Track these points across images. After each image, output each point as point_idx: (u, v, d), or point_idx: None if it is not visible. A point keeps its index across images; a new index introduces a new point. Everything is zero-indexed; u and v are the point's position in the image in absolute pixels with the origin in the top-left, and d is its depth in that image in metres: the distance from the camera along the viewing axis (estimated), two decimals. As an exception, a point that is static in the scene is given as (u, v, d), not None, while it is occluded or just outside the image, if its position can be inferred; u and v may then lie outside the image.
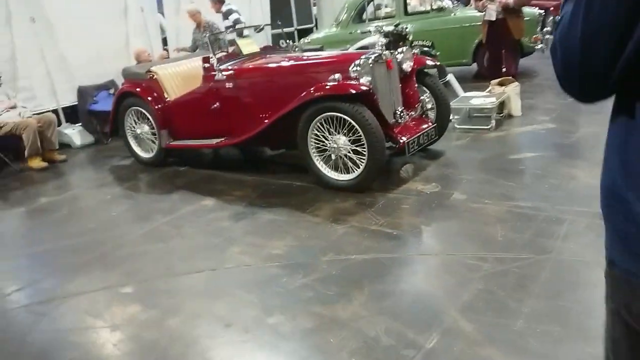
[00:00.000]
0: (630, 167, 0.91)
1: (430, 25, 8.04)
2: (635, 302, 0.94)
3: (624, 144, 0.92)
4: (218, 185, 4.83)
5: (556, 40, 0.92)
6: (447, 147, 5.05)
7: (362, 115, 3.93)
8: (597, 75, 0.88)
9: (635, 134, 0.90)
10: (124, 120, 5.77)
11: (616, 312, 1.01)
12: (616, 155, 0.94)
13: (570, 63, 0.90)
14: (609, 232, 1.00)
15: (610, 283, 1.02)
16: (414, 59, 4.78)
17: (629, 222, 0.92)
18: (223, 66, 4.86)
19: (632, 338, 0.99)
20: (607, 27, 0.83)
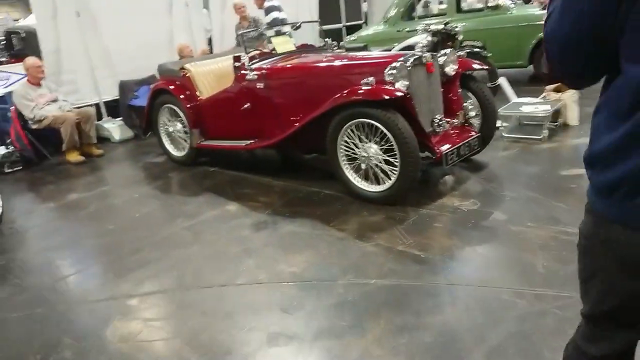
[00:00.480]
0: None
1: (483, 24, 7.56)
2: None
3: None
4: (245, 189, 4.64)
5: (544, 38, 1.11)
6: (492, 158, 4.65)
7: (394, 123, 3.62)
8: (574, 75, 1.16)
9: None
10: (157, 117, 5.68)
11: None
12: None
13: (553, 62, 1.14)
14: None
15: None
16: (459, 62, 4.41)
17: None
18: (255, 65, 4.65)
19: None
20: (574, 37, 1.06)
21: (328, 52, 5.11)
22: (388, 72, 3.83)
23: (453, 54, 4.36)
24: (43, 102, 6.24)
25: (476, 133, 4.26)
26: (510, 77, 7.01)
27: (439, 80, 4.21)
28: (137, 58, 7.60)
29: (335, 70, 4.28)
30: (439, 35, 6.45)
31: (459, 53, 4.56)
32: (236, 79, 4.78)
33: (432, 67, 4.08)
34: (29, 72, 6.19)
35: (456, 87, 4.39)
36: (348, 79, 4.13)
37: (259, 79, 4.61)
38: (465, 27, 6.71)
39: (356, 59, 4.41)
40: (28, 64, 6.17)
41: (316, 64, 4.52)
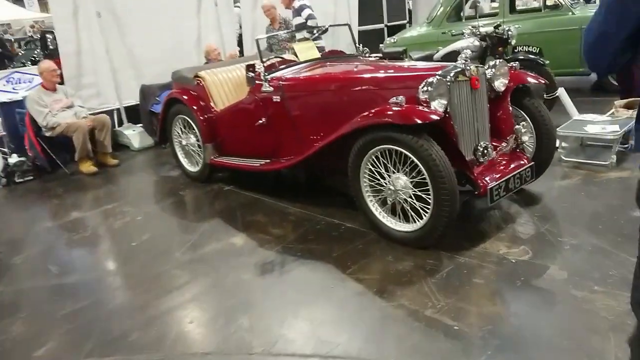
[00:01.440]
0: None
1: (540, 26, 6.73)
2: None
3: None
4: (257, 216, 4.08)
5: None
6: (548, 188, 3.92)
7: (427, 152, 2.97)
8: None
9: None
10: (172, 128, 5.20)
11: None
12: None
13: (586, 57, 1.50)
14: None
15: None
16: (511, 74, 3.69)
17: None
18: (271, 76, 4.08)
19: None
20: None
21: (358, 60, 4.47)
22: (422, 88, 3.17)
23: (503, 65, 3.64)
24: (58, 108, 5.89)
25: (529, 161, 3.54)
26: (569, 84, 6.19)
27: (485, 97, 3.52)
28: (162, 61, 7.17)
29: (361, 83, 3.64)
30: (489, 40, 5.71)
31: (511, 64, 3.83)
32: (251, 90, 4.22)
33: (477, 82, 3.38)
34: (43, 76, 5.85)
35: (507, 106, 3.68)
36: (376, 95, 3.52)
37: (275, 91, 4.04)
38: (519, 29, 5.92)
39: (387, 71, 3.76)
40: (42, 68, 5.83)
41: (340, 75, 3.90)
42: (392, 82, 3.49)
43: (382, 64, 4.11)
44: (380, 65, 4.05)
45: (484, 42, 5.73)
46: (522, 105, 3.81)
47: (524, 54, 5.64)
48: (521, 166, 3.46)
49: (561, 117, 5.37)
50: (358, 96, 3.63)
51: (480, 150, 3.29)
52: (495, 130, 3.65)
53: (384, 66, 3.99)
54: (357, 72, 3.83)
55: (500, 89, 3.64)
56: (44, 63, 5.88)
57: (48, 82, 5.89)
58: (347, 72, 3.90)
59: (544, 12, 6.91)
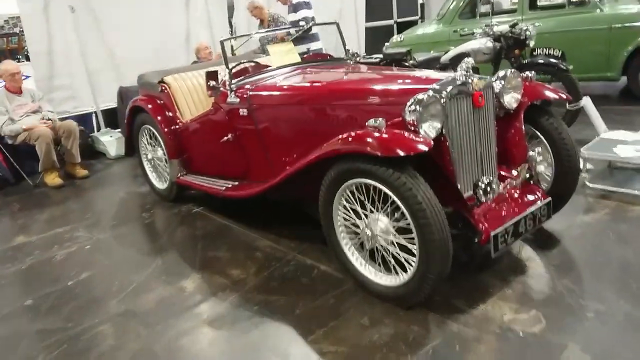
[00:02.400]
0: None
1: (563, 25, 5.99)
2: None
3: None
4: (220, 250, 3.45)
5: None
6: (568, 225, 3.22)
7: (411, 192, 2.30)
8: None
9: None
10: (138, 139, 4.61)
11: None
12: None
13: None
14: None
15: None
16: (525, 87, 3.00)
17: None
18: (238, 84, 3.44)
19: None
20: None
21: (345, 65, 3.81)
22: (410, 107, 2.50)
23: (515, 77, 2.95)
24: (22, 113, 5.34)
25: (545, 197, 2.85)
26: (594, 90, 5.45)
27: (492, 116, 2.83)
28: (146, 60, 6.59)
29: (339, 96, 2.98)
30: (504, 41, 5.00)
31: (525, 74, 3.14)
32: (215, 101, 3.59)
33: (481, 99, 2.70)
34: (3, 78, 5.29)
35: (519, 127, 2.98)
36: (357, 112, 2.88)
37: (242, 103, 3.40)
38: (539, 28, 5.19)
39: (372, 81, 3.09)
40: (1, 70, 5.26)
41: (316, 85, 3.25)
42: (373, 96, 2.82)
43: (370, 72, 3.44)
44: (368, 73, 3.39)
45: (499, 43, 5.03)
46: (539, 125, 3.10)
47: (544, 58, 4.91)
48: (535, 203, 2.78)
49: (585, 130, 4.67)
50: (336, 112, 2.99)
51: (482, 187, 2.61)
52: (504, 156, 2.97)
53: (371, 75, 3.32)
54: (336, 83, 3.18)
55: (511, 106, 2.95)
56: (4, 65, 5.31)
57: (11, 85, 5.33)
58: (324, 82, 3.25)
59: (568, 9, 6.14)
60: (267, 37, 6.19)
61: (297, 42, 5.76)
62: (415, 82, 2.86)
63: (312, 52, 5.57)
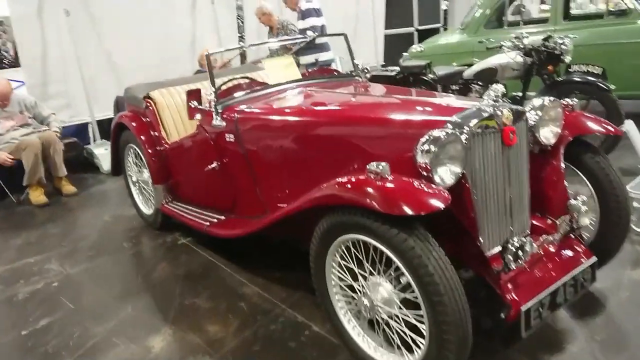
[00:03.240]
0: None
1: (602, 37, 5.39)
2: None
3: None
4: (201, 298, 2.97)
5: None
6: (614, 284, 2.68)
7: (419, 259, 1.79)
8: None
9: None
10: (124, 158, 4.17)
11: None
12: None
13: None
14: None
15: None
16: (566, 118, 2.47)
17: None
18: (225, 104, 2.96)
19: None
20: None
21: (353, 83, 3.31)
22: (422, 146, 1.99)
23: (555, 107, 2.42)
24: (8, 126, 4.95)
25: (590, 255, 2.31)
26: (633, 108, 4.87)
27: (526, 155, 2.30)
28: (148, 67, 6.23)
29: (339, 126, 2.49)
30: (536, 55, 4.44)
31: (567, 101, 2.60)
32: (200, 123, 3.11)
33: (513, 136, 2.17)
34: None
35: (558, 167, 2.45)
36: (358, 147, 2.38)
37: (228, 127, 2.92)
38: (575, 40, 4.62)
39: (380, 108, 2.59)
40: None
41: (316, 110, 2.75)
42: (380, 126, 2.32)
43: (380, 94, 2.92)
44: (377, 96, 2.87)
45: (530, 57, 4.47)
46: (580, 163, 2.56)
47: (581, 75, 4.34)
48: (577, 265, 2.24)
49: (627, 158, 4.11)
50: (337, 144, 2.49)
51: (512, 250, 2.07)
52: (538, 201, 2.44)
53: (381, 99, 2.81)
54: (338, 108, 2.68)
55: (549, 142, 2.42)
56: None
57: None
58: (324, 107, 2.75)
59: (606, 20, 5.54)
60: (271, 48, 5.73)
61: (304, 52, 5.32)
62: (432, 111, 2.35)
63: (320, 63, 5.09)
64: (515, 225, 2.28)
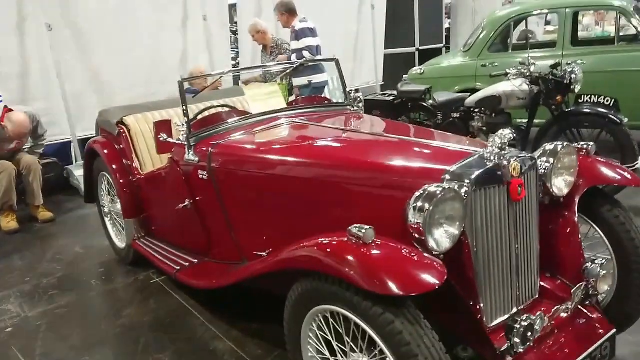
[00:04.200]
0: None
1: (613, 63, 5.10)
2: None
3: None
4: (164, 354, 2.63)
5: None
6: (633, 353, 2.34)
7: (407, 346, 1.47)
8: None
9: None
10: (98, 186, 3.87)
11: None
12: None
13: None
14: None
15: None
16: (581, 165, 2.17)
17: None
18: (199, 137, 2.66)
19: None
20: None
21: (345, 115, 3.00)
22: (413, 204, 1.68)
23: (569, 153, 2.11)
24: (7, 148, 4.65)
25: (607, 327, 1.99)
26: None
27: (535, 211, 1.99)
28: (136, 84, 6.01)
29: (324, 169, 2.17)
30: (543, 84, 4.15)
31: (581, 145, 2.30)
32: (171, 157, 2.81)
33: (521, 189, 1.86)
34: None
35: (572, 220, 2.14)
36: (347, 193, 2.08)
37: (201, 162, 2.61)
38: (584, 66, 4.34)
39: (371, 151, 2.28)
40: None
41: (298, 148, 2.44)
42: (366, 175, 2.01)
43: (373, 131, 2.61)
44: (369, 134, 2.55)
45: (536, 86, 4.18)
46: (596, 216, 2.25)
47: (592, 107, 4.05)
48: (594, 340, 1.92)
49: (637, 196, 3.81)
50: (319, 191, 2.18)
51: (521, 330, 1.74)
52: (549, 259, 2.13)
53: (373, 137, 2.50)
54: (322, 147, 2.38)
55: (561, 193, 2.11)
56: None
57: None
58: (308, 146, 2.45)
59: (618, 46, 5.26)
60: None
61: (297, 74, 5.04)
62: (428, 156, 2.05)
63: (314, 85, 4.81)
64: (522, 289, 1.98)
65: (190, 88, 5.74)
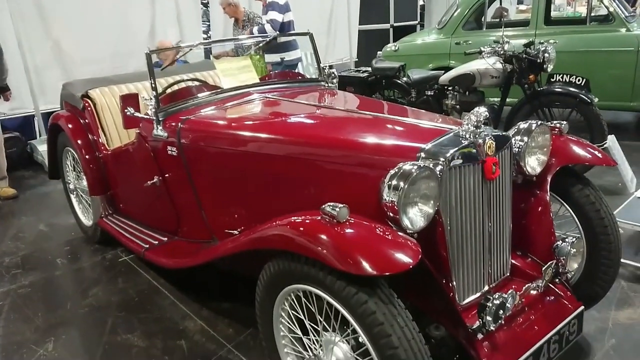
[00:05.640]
0: None
1: (584, 43, 5.14)
2: None
3: None
4: (133, 334, 2.58)
5: None
6: (597, 329, 2.40)
7: (381, 326, 1.45)
8: None
9: None
10: (63, 162, 3.73)
11: None
12: None
13: None
14: None
15: None
16: (554, 144, 2.17)
17: None
18: (167, 112, 2.57)
19: None
20: None
21: (318, 90, 2.94)
22: (388, 182, 1.65)
23: (543, 132, 2.11)
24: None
25: (576, 304, 2.02)
26: (620, 128, 4.66)
27: (509, 190, 1.99)
28: (101, 59, 5.81)
29: (296, 145, 2.12)
30: (517, 62, 4.15)
31: (554, 123, 2.30)
32: (139, 132, 2.71)
33: (495, 168, 1.85)
34: None
35: (544, 200, 2.15)
36: (319, 170, 2.03)
37: (170, 138, 2.53)
38: (556, 46, 4.35)
39: (344, 127, 2.23)
40: None
41: (271, 124, 2.38)
42: (339, 152, 1.96)
43: (346, 108, 2.56)
44: (343, 111, 2.50)
45: (510, 65, 4.18)
46: (567, 195, 2.27)
47: (563, 86, 4.07)
48: (562, 317, 1.95)
49: (607, 175, 3.89)
50: (291, 168, 2.13)
51: (493, 308, 1.74)
52: (520, 238, 2.14)
53: (347, 114, 2.45)
54: (295, 123, 2.32)
55: (534, 172, 2.11)
56: None
57: None
58: (281, 121, 2.39)
59: (589, 26, 5.30)
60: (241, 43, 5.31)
61: (269, 51, 4.93)
62: (403, 133, 2.02)
63: (286, 63, 4.71)
64: (494, 267, 1.99)
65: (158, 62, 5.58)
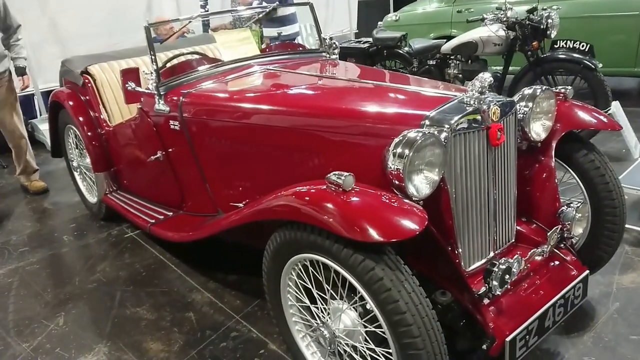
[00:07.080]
0: None
1: (587, 8, 5.05)
2: None
3: None
4: (142, 307, 2.61)
5: None
6: (602, 293, 2.42)
7: (388, 292, 1.47)
8: None
9: None
10: (65, 139, 3.73)
11: None
12: None
13: None
14: None
15: None
16: (559, 109, 2.15)
17: None
18: (169, 86, 2.55)
19: None
20: None
21: (319, 61, 2.91)
22: (393, 150, 1.65)
23: (547, 98, 2.09)
24: None
25: (581, 268, 2.03)
26: (624, 94, 4.61)
27: (513, 156, 1.99)
28: (97, 35, 5.72)
29: (299, 116, 2.11)
30: (519, 30, 4.10)
31: (560, 89, 2.28)
32: (140, 107, 2.70)
33: (500, 134, 1.84)
34: None
35: (549, 165, 2.15)
36: (323, 141, 2.02)
37: (172, 112, 2.52)
38: (560, 12, 4.28)
39: (347, 97, 2.21)
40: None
41: (273, 95, 2.36)
42: (343, 122, 1.95)
43: (348, 78, 2.53)
44: (345, 81, 2.48)
45: (513, 32, 4.13)
46: (571, 161, 2.26)
47: (566, 52, 4.02)
48: (567, 281, 1.96)
49: (611, 142, 3.87)
50: (295, 139, 2.12)
51: (499, 273, 1.76)
52: (524, 203, 2.14)
53: (349, 83, 2.42)
54: (298, 94, 2.31)
55: (539, 137, 2.10)
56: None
57: None
58: (283, 92, 2.37)
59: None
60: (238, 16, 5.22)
61: (265, 24, 4.84)
62: (407, 101, 2.00)
63: (283, 37, 4.64)
64: (499, 233, 1.99)
65: (156, 37, 5.52)
